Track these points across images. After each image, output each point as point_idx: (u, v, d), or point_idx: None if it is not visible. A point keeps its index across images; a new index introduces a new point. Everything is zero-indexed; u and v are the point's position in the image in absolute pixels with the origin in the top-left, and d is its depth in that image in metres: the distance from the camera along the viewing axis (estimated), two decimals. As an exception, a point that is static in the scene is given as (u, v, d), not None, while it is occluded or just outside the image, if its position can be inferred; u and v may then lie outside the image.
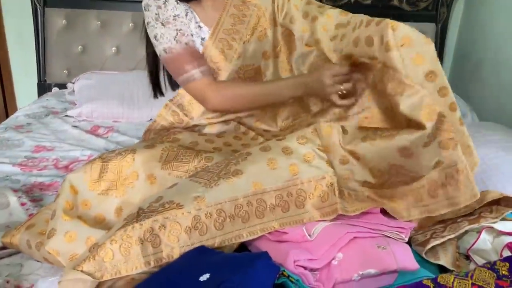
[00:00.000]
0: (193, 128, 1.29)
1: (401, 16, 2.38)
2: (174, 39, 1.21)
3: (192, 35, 1.25)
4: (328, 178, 0.98)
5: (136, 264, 0.84)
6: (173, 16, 1.23)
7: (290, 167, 0.98)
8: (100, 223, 1.00)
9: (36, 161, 1.56)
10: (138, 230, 0.85)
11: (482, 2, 2.33)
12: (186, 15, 1.26)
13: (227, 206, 0.91)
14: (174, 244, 0.85)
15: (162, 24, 1.22)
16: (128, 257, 0.83)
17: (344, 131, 1.08)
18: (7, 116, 2.37)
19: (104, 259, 0.82)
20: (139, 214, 0.87)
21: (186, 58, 1.21)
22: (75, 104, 2.05)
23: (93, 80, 2.14)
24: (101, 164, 1.02)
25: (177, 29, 1.22)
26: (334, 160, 1.02)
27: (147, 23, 1.25)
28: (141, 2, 1.85)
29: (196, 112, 1.27)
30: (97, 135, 1.81)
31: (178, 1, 1.24)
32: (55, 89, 2.35)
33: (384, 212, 1.00)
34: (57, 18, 2.29)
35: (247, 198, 0.92)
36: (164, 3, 1.23)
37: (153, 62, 1.32)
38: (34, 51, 2.31)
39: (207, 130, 1.29)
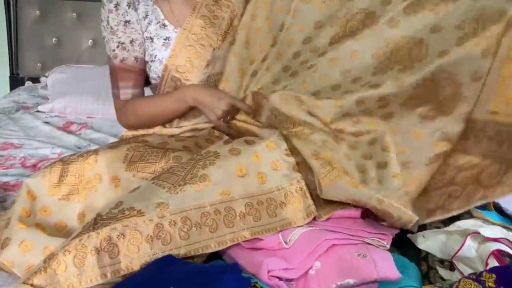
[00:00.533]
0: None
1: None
2: (113, 51, 1.19)
3: (151, 38, 1.20)
4: (296, 184, 0.94)
5: (91, 277, 0.77)
6: (124, 22, 1.18)
7: (258, 175, 0.93)
8: (61, 230, 0.93)
9: (2, 159, 1.49)
10: (94, 239, 0.78)
11: None
12: (146, 16, 1.19)
13: (193, 214, 0.84)
14: (134, 254, 0.79)
15: (110, 30, 1.19)
16: (82, 268, 0.77)
17: None
18: (-23, 110, 2.28)
19: (57, 271, 0.75)
20: (97, 222, 0.80)
21: (117, 74, 1.20)
22: (48, 99, 1.97)
23: (67, 74, 2.06)
24: (62, 167, 0.95)
25: (119, 42, 1.18)
26: (308, 158, 0.97)
27: (101, 20, 1.21)
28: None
29: None
30: (69, 132, 1.74)
31: (134, 3, 1.19)
32: (28, 83, 2.28)
33: (364, 217, 0.95)
34: (31, 9, 2.22)
35: (214, 206, 0.86)
36: (116, 6, 1.18)
37: None
38: (6, 42, 2.23)
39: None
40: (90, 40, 2.28)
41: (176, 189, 0.86)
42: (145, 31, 1.20)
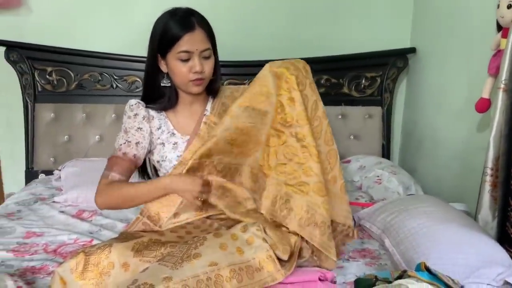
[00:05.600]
0: None
1: (351, 101, 2.73)
2: (120, 145, 1.52)
3: (163, 143, 1.54)
4: (265, 252, 1.25)
5: None
6: (136, 128, 1.53)
7: (237, 248, 1.24)
8: None
9: (27, 247, 1.71)
10: None
11: (419, 90, 2.69)
12: (159, 128, 1.54)
13: (191, 281, 1.12)
14: None
15: (124, 130, 1.53)
16: None
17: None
18: (-5, 201, 2.53)
19: None
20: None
21: (115, 162, 1.51)
22: (61, 190, 2.24)
23: (78, 167, 2.35)
24: (84, 257, 1.22)
25: (127, 140, 1.52)
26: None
27: (122, 122, 1.56)
28: (120, 96, 2.18)
29: (162, 220, 1.49)
30: (82, 219, 1.99)
31: (149, 118, 1.53)
32: (41, 176, 2.54)
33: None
34: (46, 112, 2.54)
35: (206, 274, 1.15)
36: (135, 115, 1.54)
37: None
38: (22, 140, 2.53)
39: None
40: (97, 136, 2.59)
41: (177, 266, 1.14)
42: (158, 138, 1.54)
